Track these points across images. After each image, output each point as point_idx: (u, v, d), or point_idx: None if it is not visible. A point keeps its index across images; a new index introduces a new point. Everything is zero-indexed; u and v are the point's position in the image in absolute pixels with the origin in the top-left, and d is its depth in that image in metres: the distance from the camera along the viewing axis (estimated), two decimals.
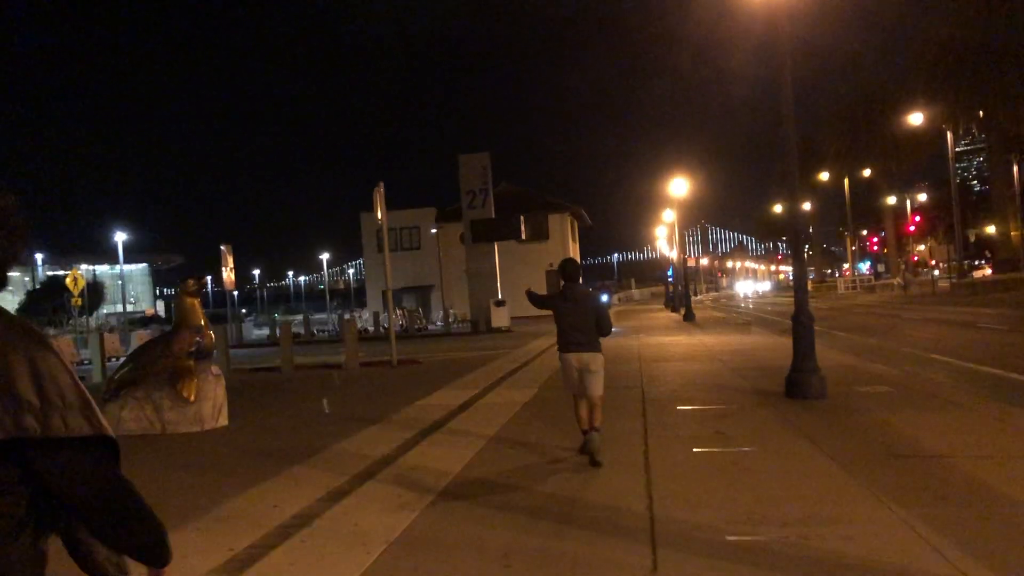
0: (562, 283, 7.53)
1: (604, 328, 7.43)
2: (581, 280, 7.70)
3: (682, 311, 36.27)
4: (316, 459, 7.56)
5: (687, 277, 39.66)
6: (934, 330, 21.39)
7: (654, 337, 23.29)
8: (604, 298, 14.27)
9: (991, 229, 72.86)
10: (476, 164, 33.53)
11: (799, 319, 10.37)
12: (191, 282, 10.19)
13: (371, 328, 37.08)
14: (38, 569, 1.48)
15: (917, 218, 63.35)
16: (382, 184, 17.00)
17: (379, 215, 17.07)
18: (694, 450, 7.41)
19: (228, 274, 33.89)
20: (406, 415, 9.95)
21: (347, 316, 42.23)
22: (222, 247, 35.80)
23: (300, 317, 54.16)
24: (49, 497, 1.46)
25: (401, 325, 36.83)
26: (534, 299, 7.88)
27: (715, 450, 7.39)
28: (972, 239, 69.78)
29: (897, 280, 48.17)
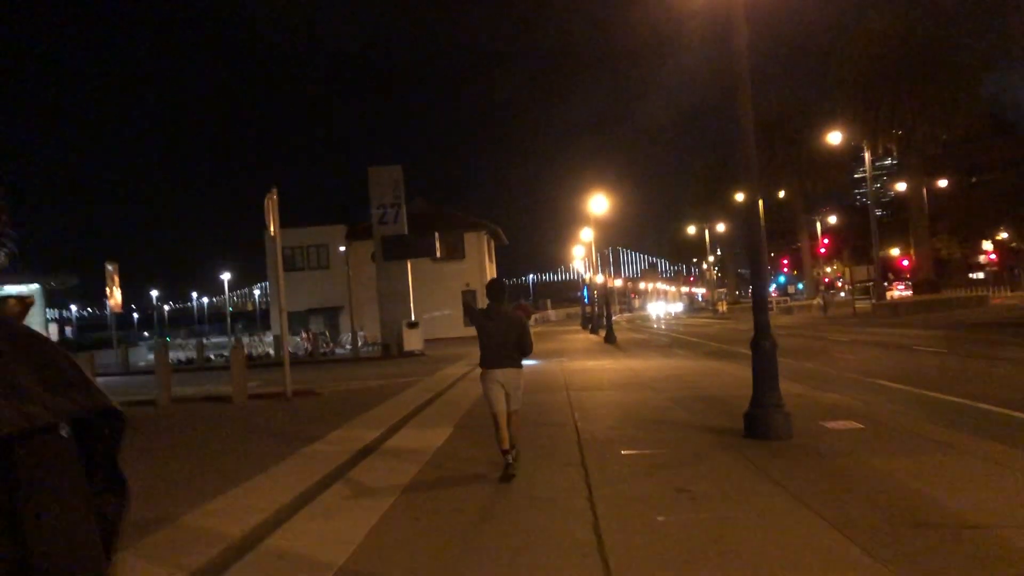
0: (487, 303, 7.77)
1: (526, 348, 7.75)
2: (505, 300, 7.92)
3: (602, 333, 35.01)
4: (147, 542, 5.52)
5: (608, 298, 38.43)
6: (870, 353, 20.43)
7: (578, 361, 21.72)
8: None
9: (895, 251, 74.71)
10: (387, 177, 31.50)
11: (760, 345, 8.85)
12: (12, 303, 7.98)
13: (272, 352, 34.52)
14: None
15: (826, 240, 64.15)
16: (275, 191, 14.94)
17: (271, 226, 14.98)
18: (658, 519, 5.70)
19: (114, 295, 30.92)
20: (288, 468, 7.96)
21: (239, 341, 39.40)
22: (108, 266, 32.83)
23: (195, 341, 50.92)
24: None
25: (306, 350, 34.40)
26: (467, 310, 8.39)
27: (684, 517, 5.70)
28: (872, 262, 71.23)
29: (817, 301, 48.14)
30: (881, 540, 4.97)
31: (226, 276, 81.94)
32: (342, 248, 46.03)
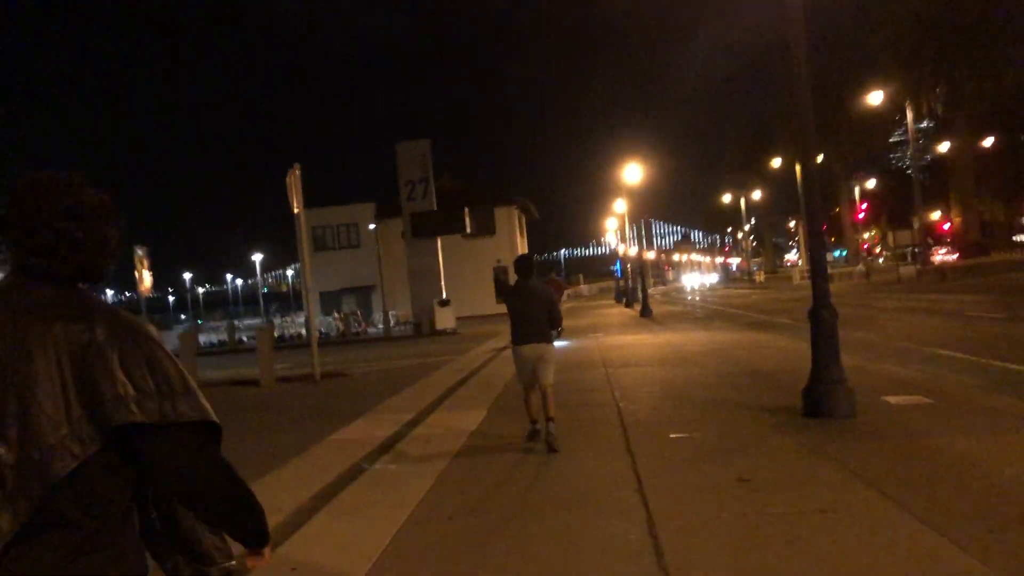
0: (516, 278, 7.81)
1: (556, 321, 7.81)
2: (534, 275, 7.97)
3: (637, 306, 34.25)
4: None
5: (644, 270, 37.59)
6: (922, 320, 19.49)
7: (614, 336, 21.02)
8: None
9: (935, 215, 72.61)
10: (415, 153, 30.88)
11: (819, 315, 8.10)
12: None
13: (304, 333, 34.23)
14: (143, 551, 1.56)
15: (864, 206, 62.47)
16: (297, 167, 14.37)
17: (295, 203, 14.42)
18: (720, 515, 5.04)
19: (143, 278, 30.75)
20: (310, 461, 7.41)
21: (271, 323, 39.10)
22: (137, 250, 32.68)
23: (227, 323, 51.14)
24: (153, 482, 1.54)
25: (338, 330, 34.07)
26: (498, 286, 10.12)
27: (750, 512, 5.04)
28: (916, 225, 69.36)
29: (859, 267, 46.78)
30: (982, 538, 4.28)
31: (258, 257, 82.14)
32: (372, 226, 45.56)
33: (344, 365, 18.36)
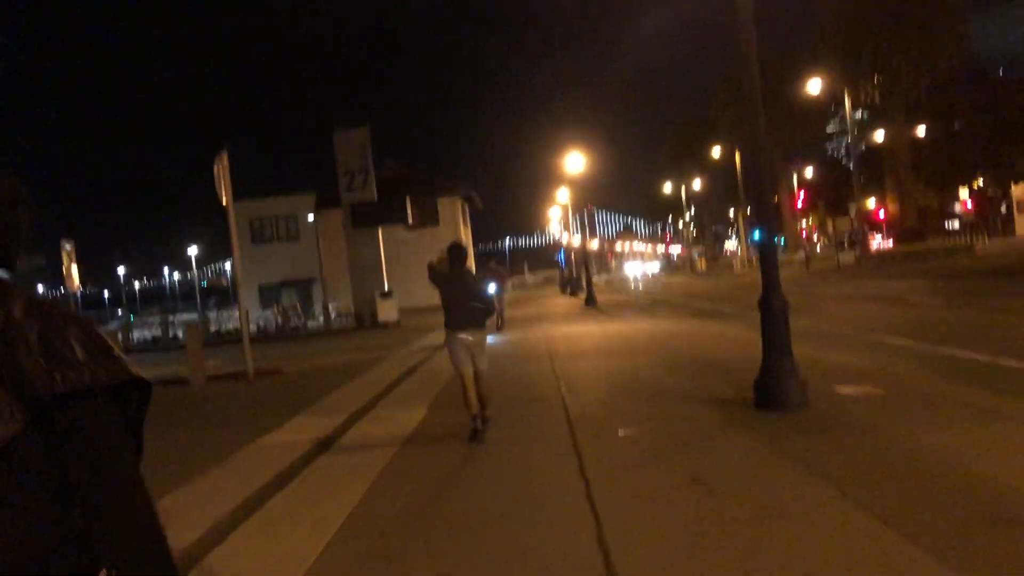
0: (448, 265, 7.99)
1: (488, 308, 7.99)
2: (465, 263, 8.11)
3: (582, 295, 34.07)
4: None
5: (587, 259, 37.43)
6: (864, 307, 19.57)
7: (560, 327, 20.71)
8: (492, 288, 12.36)
9: (870, 203, 74.04)
10: (354, 141, 30.03)
11: (770, 304, 7.83)
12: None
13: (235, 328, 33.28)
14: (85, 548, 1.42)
15: (802, 193, 63.34)
16: (225, 154, 13.65)
17: (223, 194, 13.71)
18: (674, 521, 4.68)
19: (71, 274, 29.48)
20: (234, 468, 6.86)
21: (203, 317, 37.83)
22: (65, 245, 31.34)
23: (161, 318, 49.64)
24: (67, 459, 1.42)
25: (277, 324, 33.18)
26: (431, 274, 8.26)
27: (706, 519, 4.69)
28: (853, 213, 70.66)
29: (799, 255, 47.33)
30: (951, 542, 4.00)
31: (193, 250, 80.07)
32: (311, 217, 44.56)
33: (281, 361, 17.68)
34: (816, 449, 6.04)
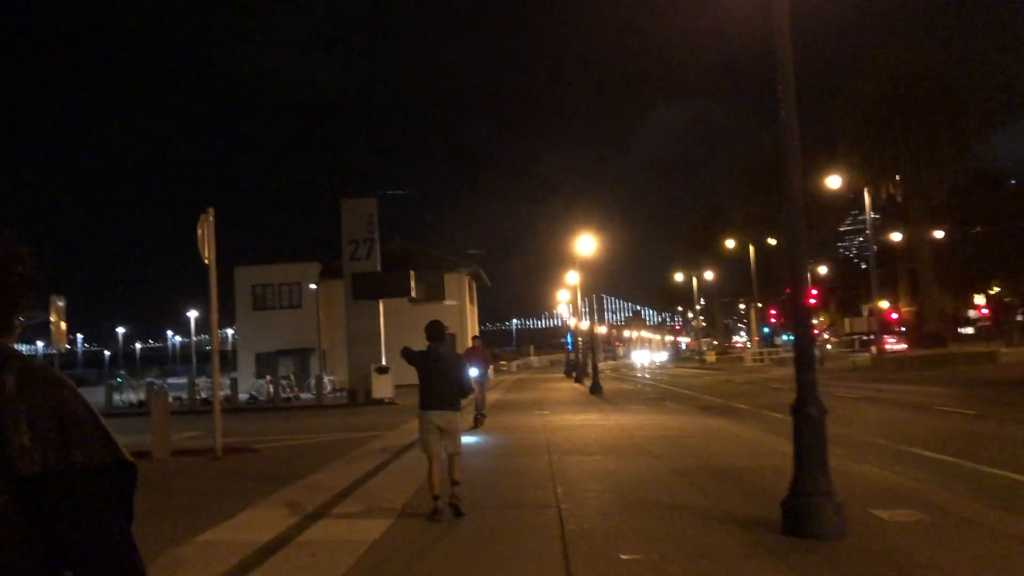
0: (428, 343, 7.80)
1: (464, 389, 7.82)
2: (445, 341, 7.99)
3: (587, 382, 32.81)
4: None
5: (595, 345, 36.29)
6: (888, 413, 18.30)
7: (562, 415, 19.45)
8: (474, 372, 11.25)
9: (884, 304, 73.00)
10: (361, 211, 29.40)
11: (805, 412, 6.68)
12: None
13: (238, 396, 32.02)
14: None
15: (814, 291, 62.46)
16: (211, 211, 12.75)
17: (206, 252, 12.74)
18: None
19: (60, 330, 28.44)
20: None
21: (154, 385, 36.35)
22: (58, 301, 30.40)
23: (147, 382, 48.41)
24: (56, 546, 1.45)
25: (268, 394, 31.88)
26: (406, 354, 8.08)
27: None
28: (865, 314, 69.62)
29: (814, 353, 45.92)
30: None
31: (193, 314, 79.34)
32: (312, 286, 43.68)
33: (259, 436, 16.49)
34: None
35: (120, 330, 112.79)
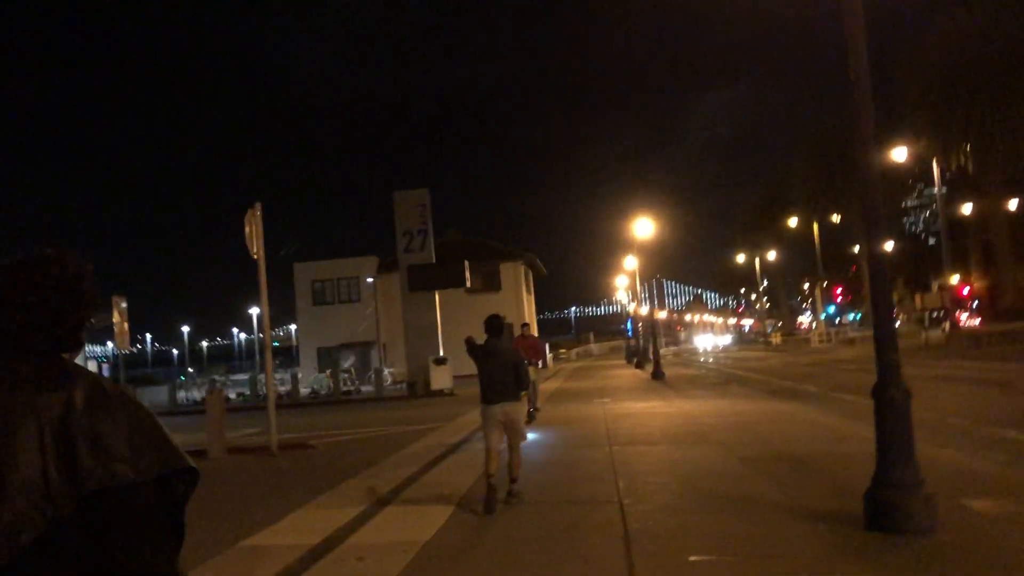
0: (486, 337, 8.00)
1: (523, 382, 7.87)
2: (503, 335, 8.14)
3: (649, 368, 32.16)
4: None
5: (655, 330, 35.58)
6: (968, 392, 17.32)
7: (623, 403, 18.94)
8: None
9: (955, 279, 70.48)
10: (413, 202, 29.21)
11: (888, 396, 6.10)
12: None
13: (288, 391, 32.22)
14: None
15: None
16: (259, 206, 12.57)
17: (254, 246, 12.57)
18: None
19: (123, 331, 28.95)
20: None
21: (215, 382, 36.75)
22: (119, 301, 30.99)
23: (229, 377, 49.39)
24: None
25: (329, 388, 32.03)
26: (469, 345, 8.24)
27: None
28: (935, 289, 67.25)
29: None
30: None
31: (255, 311, 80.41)
32: (370, 279, 43.78)
33: (317, 431, 16.38)
34: None
35: (185, 329, 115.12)
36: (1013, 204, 44.99)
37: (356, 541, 6.44)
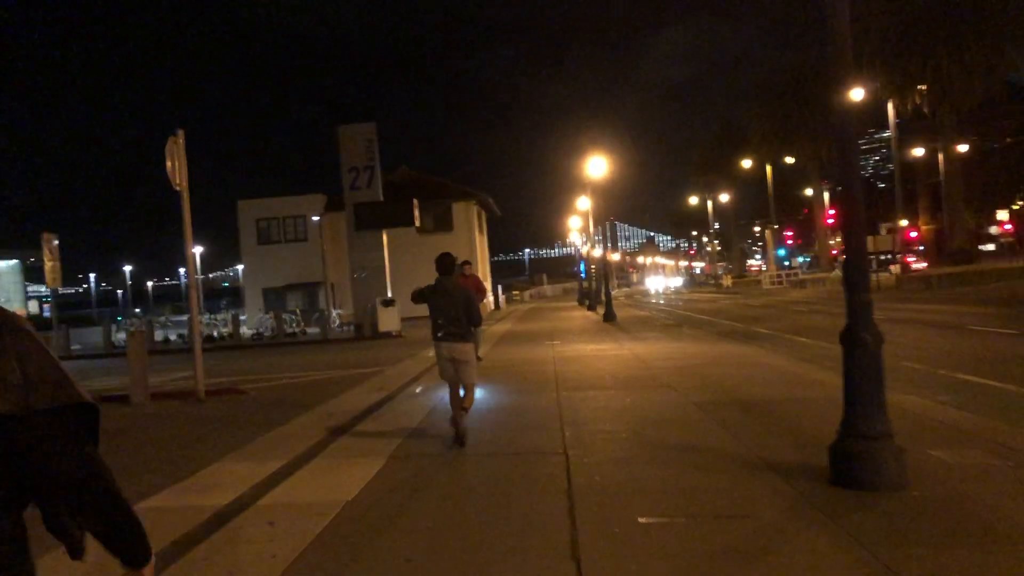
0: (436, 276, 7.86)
1: (474, 319, 7.75)
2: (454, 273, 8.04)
3: (600, 310, 31.81)
4: None
5: (607, 272, 35.12)
6: (921, 335, 17.12)
7: (574, 345, 18.45)
8: None
9: (904, 222, 71.35)
10: (360, 136, 28.00)
11: (858, 339, 5.55)
12: None
13: (227, 332, 31.21)
14: (23, 543, 1.54)
15: (831, 211, 60.79)
16: (181, 133, 11.52)
17: (176, 178, 11.55)
18: None
19: (50, 266, 27.60)
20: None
21: (152, 323, 35.48)
22: (50, 239, 29.49)
23: (172, 318, 48.16)
24: (28, 476, 1.51)
25: (272, 330, 31.08)
26: (415, 298, 8.09)
27: None
28: (884, 232, 67.96)
29: (834, 273, 44.62)
30: None
31: (198, 250, 78.38)
32: (315, 218, 42.52)
33: (254, 376, 15.63)
34: (946, 567, 3.80)
35: (127, 268, 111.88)
36: (964, 147, 45.17)
37: (271, 501, 5.76)
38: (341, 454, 7.33)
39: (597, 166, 32.35)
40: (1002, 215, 68.07)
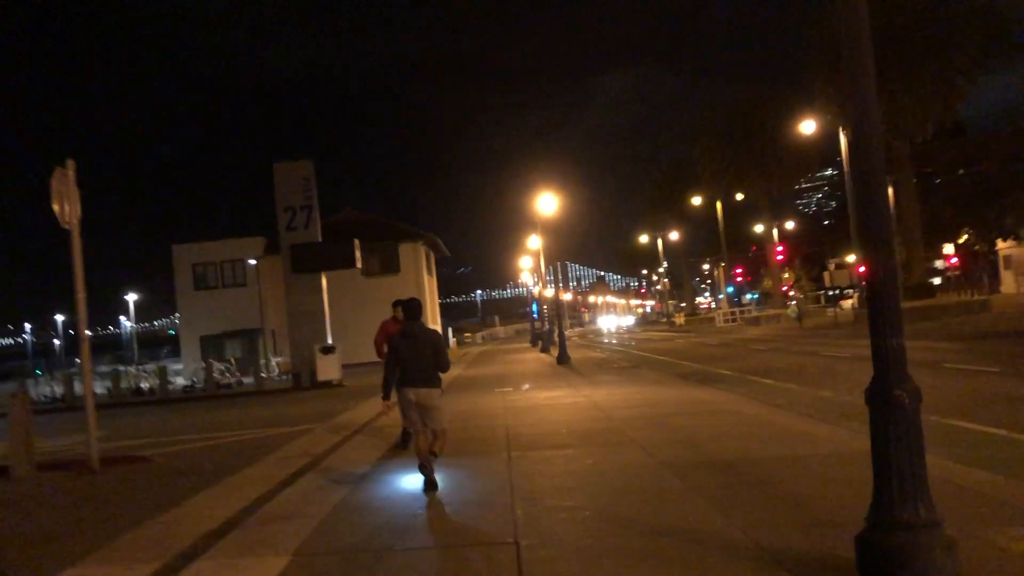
0: (404, 321, 8.08)
1: (442, 365, 7.66)
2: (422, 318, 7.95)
3: (554, 351, 30.53)
4: None
5: (560, 313, 33.92)
6: None
7: (526, 393, 17.06)
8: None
9: (851, 258, 71.75)
10: (296, 174, 26.51)
11: (891, 396, 4.31)
12: None
13: (152, 386, 29.16)
14: None
15: (780, 248, 60.70)
16: (71, 163, 10.01)
17: (65, 214, 9.99)
18: None
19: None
20: None
21: (20, 387, 32.36)
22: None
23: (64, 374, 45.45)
24: None
25: (203, 382, 29.08)
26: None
27: None
28: (832, 268, 68.13)
29: (789, 310, 44.03)
30: None
31: (131, 298, 75.64)
32: (252, 261, 40.72)
33: (168, 436, 13.95)
34: None
35: (59, 318, 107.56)
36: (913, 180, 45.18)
37: None
38: (235, 551, 5.81)
39: (547, 203, 31.30)
40: (948, 249, 68.77)
